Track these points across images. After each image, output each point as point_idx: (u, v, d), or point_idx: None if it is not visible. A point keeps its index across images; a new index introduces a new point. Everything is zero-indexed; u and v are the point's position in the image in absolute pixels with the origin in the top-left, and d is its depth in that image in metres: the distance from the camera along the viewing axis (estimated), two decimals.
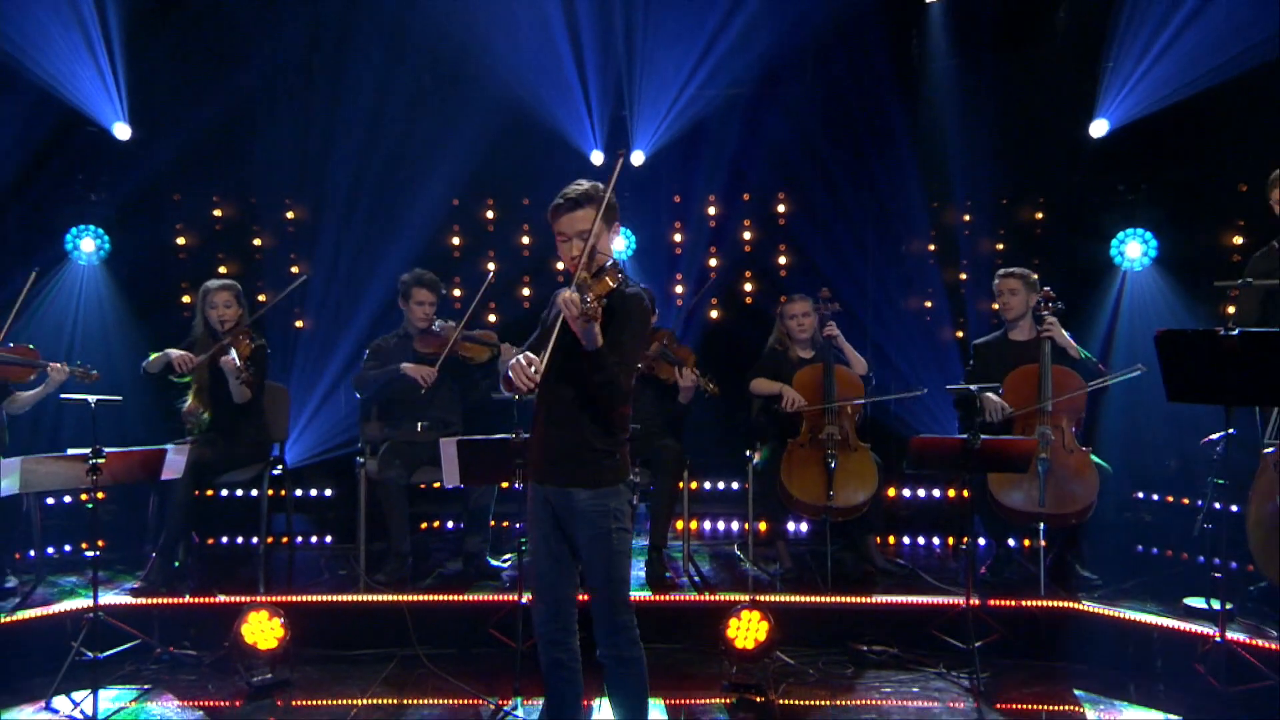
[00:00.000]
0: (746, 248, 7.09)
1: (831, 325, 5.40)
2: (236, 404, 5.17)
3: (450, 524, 6.54)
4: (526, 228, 7.03)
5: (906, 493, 6.64)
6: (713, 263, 7.04)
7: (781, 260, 7.06)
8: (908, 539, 6.31)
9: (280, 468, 5.61)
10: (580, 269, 2.98)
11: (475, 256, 6.97)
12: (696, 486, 6.79)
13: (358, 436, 5.82)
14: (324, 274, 6.67)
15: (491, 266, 6.70)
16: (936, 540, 6.28)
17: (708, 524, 6.65)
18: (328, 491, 6.77)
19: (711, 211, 7.05)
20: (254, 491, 5.55)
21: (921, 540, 6.30)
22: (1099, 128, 6.19)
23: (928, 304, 6.95)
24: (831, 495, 5.14)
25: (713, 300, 7.00)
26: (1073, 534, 5.11)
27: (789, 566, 5.43)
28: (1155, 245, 6.23)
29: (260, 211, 6.91)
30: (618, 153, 3.25)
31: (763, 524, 5.87)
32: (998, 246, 6.80)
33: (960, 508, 5.14)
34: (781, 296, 6.03)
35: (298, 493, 6.54)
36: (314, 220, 6.83)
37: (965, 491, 4.84)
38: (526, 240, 7.04)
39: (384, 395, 5.51)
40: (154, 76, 6.36)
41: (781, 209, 7.07)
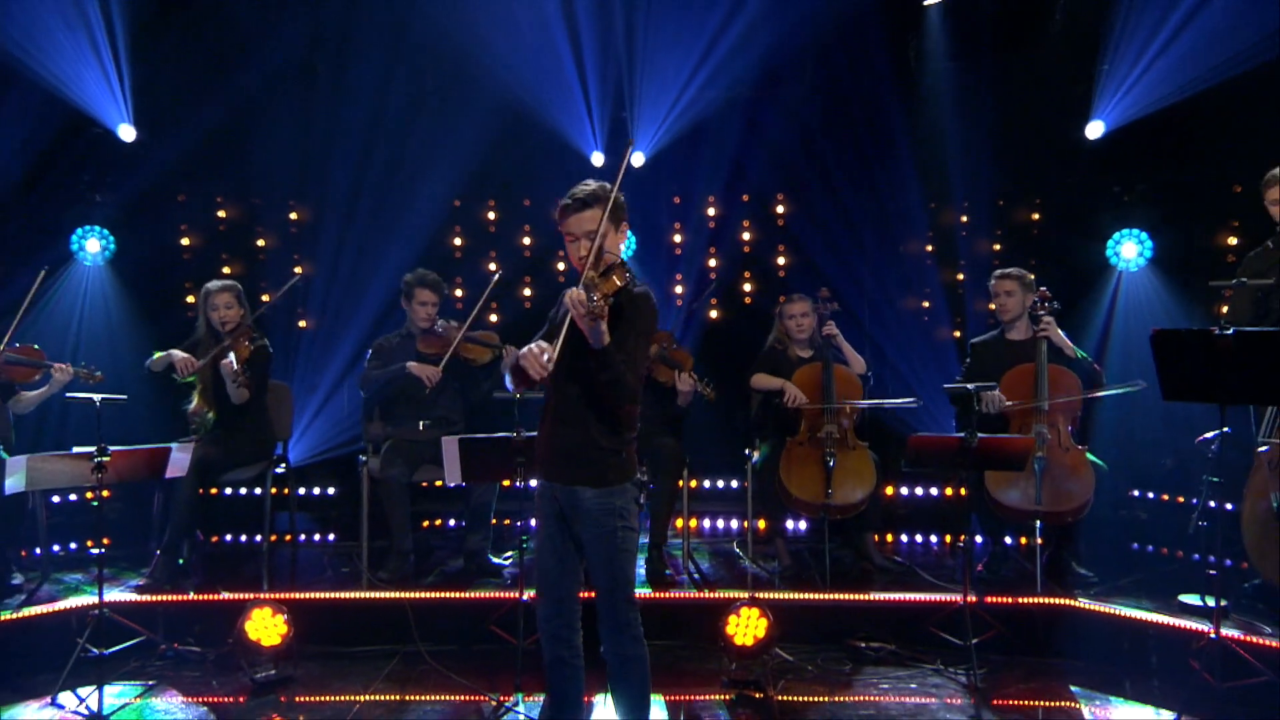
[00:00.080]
0: (746, 248, 7.11)
1: (831, 325, 5.41)
2: (240, 403, 5.21)
3: (452, 522, 6.56)
4: (528, 228, 7.06)
5: (904, 491, 6.67)
6: (712, 263, 7.06)
7: (781, 260, 7.08)
8: (905, 537, 6.33)
9: (283, 466, 5.66)
10: (587, 268, 2.98)
11: (476, 257, 7.00)
12: (696, 485, 6.83)
13: (360, 435, 5.87)
14: (326, 274, 6.70)
15: (493, 267, 6.74)
16: (934, 538, 6.31)
17: (707, 522, 6.67)
18: (330, 490, 6.81)
19: (711, 212, 7.07)
20: (257, 490, 5.59)
21: (919, 538, 6.33)
22: (1095, 129, 6.21)
23: (925, 304, 6.97)
24: (830, 493, 5.16)
25: (712, 300, 7.02)
26: (1069, 532, 5.13)
27: (788, 564, 5.46)
28: (1150, 246, 6.25)
29: (263, 212, 6.94)
30: (627, 141, 3.24)
31: (762, 522, 5.91)
32: (995, 247, 6.84)
33: (957, 506, 5.16)
34: (781, 296, 6.05)
35: (301, 491, 6.54)
36: (316, 221, 6.87)
37: (962, 490, 4.85)
38: (528, 241, 7.07)
39: (387, 394, 5.54)
40: (158, 79, 6.40)
41: (781, 209, 7.08)
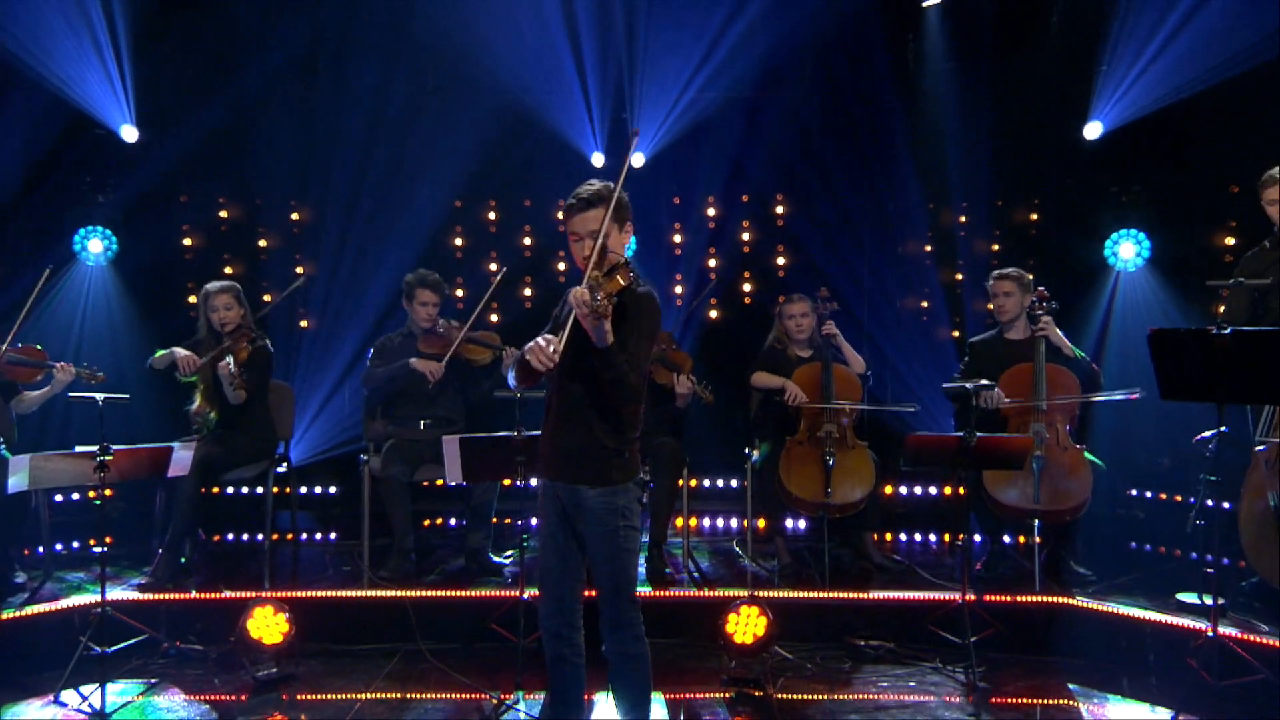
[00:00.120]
0: (745, 248, 7.12)
1: (831, 324, 5.43)
2: (242, 403, 5.23)
3: (453, 521, 6.58)
4: (528, 229, 7.08)
5: (903, 490, 6.71)
6: (712, 263, 7.08)
7: (780, 260, 7.10)
8: (904, 535, 6.35)
9: (285, 465, 5.69)
10: (591, 267, 2.98)
11: (477, 257, 7.02)
12: (696, 484, 6.85)
13: (361, 434, 5.88)
14: (327, 274, 6.72)
15: (493, 267, 6.76)
16: (933, 537, 6.33)
17: (707, 521, 6.69)
18: (332, 489, 6.84)
19: (711, 213, 7.09)
20: (259, 489, 5.59)
21: (918, 537, 6.35)
22: (1093, 130, 6.23)
23: (924, 304, 7.00)
24: (829, 492, 5.18)
25: (712, 300, 7.04)
26: (1067, 530, 5.15)
27: (787, 562, 5.47)
28: (1148, 246, 6.26)
29: (265, 213, 6.96)
30: (632, 130, 3.22)
31: (761, 521, 5.93)
32: (993, 247, 6.86)
33: (956, 505, 5.17)
34: (780, 296, 6.06)
35: (302, 490, 6.56)
36: (317, 221, 6.89)
37: (961, 489, 4.86)
38: (528, 241, 7.08)
39: (388, 393, 5.56)
40: (161, 80, 6.42)
41: (780, 209, 7.10)
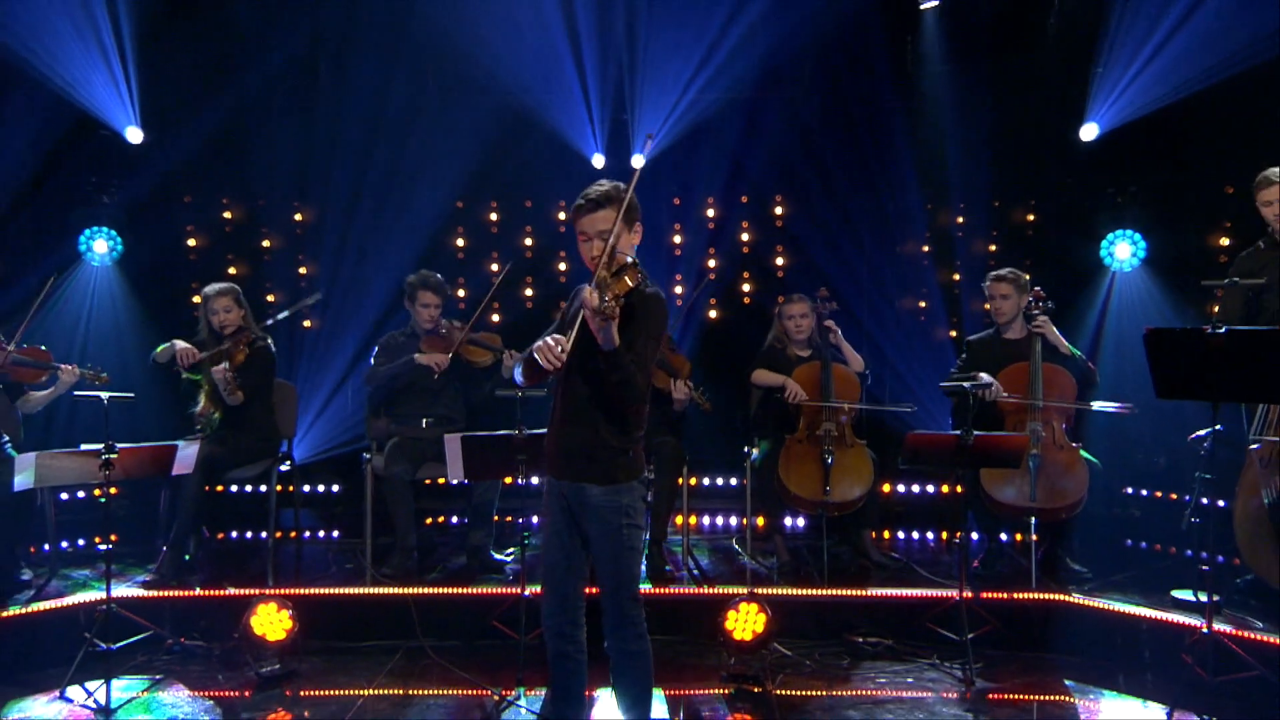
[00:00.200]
0: (745, 248, 7.15)
1: (831, 323, 5.46)
2: (245, 402, 5.28)
3: (455, 519, 6.60)
4: (529, 229, 7.11)
5: (901, 488, 6.74)
6: (712, 263, 7.11)
7: (780, 260, 7.13)
8: (902, 533, 6.38)
9: (288, 464, 5.72)
10: (600, 268, 2.99)
11: (479, 258, 7.05)
12: (696, 482, 6.89)
13: (364, 433, 5.91)
14: (330, 274, 6.75)
15: (494, 267, 6.79)
16: (930, 535, 6.36)
17: (706, 519, 6.71)
18: (335, 487, 6.88)
19: (710, 213, 7.11)
20: (263, 487, 5.63)
21: (916, 535, 6.38)
22: (1089, 131, 6.25)
23: (923, 304, 7.03)
24: (828, 490, 5.21)
25: (711, 300, 7.07)
26: (1063, 528, 5.17)
27: (786, 560, 5.51)
28: (1144, 246, 6.28)
29: (268, 213, 6.99)
30: (647, 135, 3.20)
31: (760, 519, 5.96)
32: (991, 247, 6.89)
33: (954, 503, 5.22)
34: (780, 296, 6.10)
35: (305, 488, 6.63)
36: (320, 222, 6.92)
37: (958, 487, 4.89)
38: (529, 241, 7.11)
39: (391, 391, 5.58)
40: (165, 81, 6.44)
41: (780, 210, 7.13)
